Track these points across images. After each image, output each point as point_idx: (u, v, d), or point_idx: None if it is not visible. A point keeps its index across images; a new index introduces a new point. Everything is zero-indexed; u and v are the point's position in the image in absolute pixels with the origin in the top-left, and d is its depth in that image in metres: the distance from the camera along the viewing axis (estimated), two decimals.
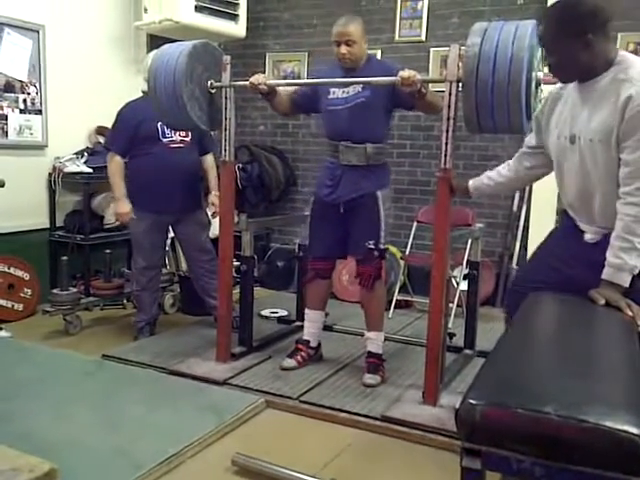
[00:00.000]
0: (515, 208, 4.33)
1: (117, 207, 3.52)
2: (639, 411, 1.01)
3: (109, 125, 4.50)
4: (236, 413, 2.57)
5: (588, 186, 1.93)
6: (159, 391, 2.83)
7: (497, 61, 2.28)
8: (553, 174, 2.19)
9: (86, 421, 2.48)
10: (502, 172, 2.38)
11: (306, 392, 2.82)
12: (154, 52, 3.19)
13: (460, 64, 2.50)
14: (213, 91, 3.03)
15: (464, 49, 2.39)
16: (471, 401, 1.05)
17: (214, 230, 3.62)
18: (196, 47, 2.90)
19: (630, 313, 1.67)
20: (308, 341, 3.17)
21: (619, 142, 1.80)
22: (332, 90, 2.95)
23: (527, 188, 4.21)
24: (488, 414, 1.02)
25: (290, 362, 3.10)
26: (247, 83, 2.90)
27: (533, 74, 2.31)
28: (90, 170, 4.24)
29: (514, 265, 4.30)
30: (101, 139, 4.50)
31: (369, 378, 2.92)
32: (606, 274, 1.81)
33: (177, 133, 3.44)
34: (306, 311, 3.21)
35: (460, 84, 2.47)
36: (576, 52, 1.83)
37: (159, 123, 3.31)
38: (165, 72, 2.87)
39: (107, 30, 4.60)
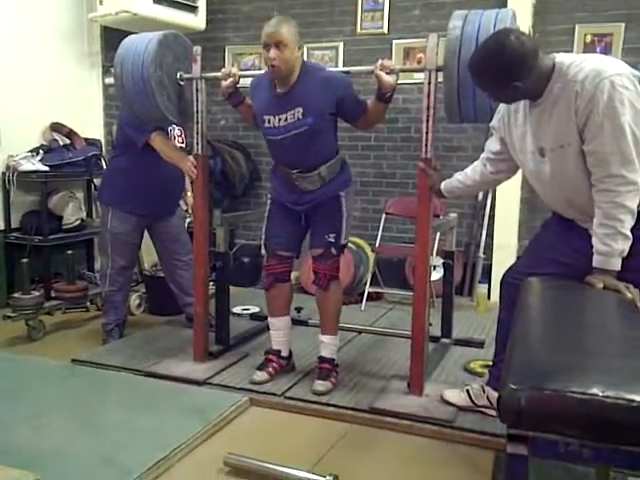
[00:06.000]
0: (480, 198, 4.39)
1: (184, 165, 3.00)
2: None
3: (64, 121, 4.37)
4: (221, 413, 2.51)
5: (572, 191, 1.96)
6: (138, 394, 2.73)
7: (479, 42, 2.26)
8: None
9: (66, 429, 2.36)
10: (469, 175, 2.41)
11: (290, 388, 2.77)
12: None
13: (438, 52, 2.50)
14: (182, 83, 2.95)
15: (445, 34, 2.38)
16: (513, 386, 1.03)
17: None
18: (167, 36, 2.83)
19: (630, 295, 1.70)
20: (279, 351, 2.91)
21: (582, 138, 1.85)
22: (266, 118, 2.65)
23: None
24: (534, 399, 1.00)
25: (261, 375, 2.83)
26: (219, 74, 2.82)
27: None
28: (46, 168, 4.07)
29: (481, 254, 4.36)
30: (56, 136, 4.32)
31: (319, 385, 2.72)
32: (597, 262, 1.84)
33: (174, 138, 3.33)
34: (270, 320, 2.92)
35: (439, 73, 2.48)
36: (518, 92, 1.88)
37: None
38: (133, 57, 2.75)
39: (59, 22, 4.42)
